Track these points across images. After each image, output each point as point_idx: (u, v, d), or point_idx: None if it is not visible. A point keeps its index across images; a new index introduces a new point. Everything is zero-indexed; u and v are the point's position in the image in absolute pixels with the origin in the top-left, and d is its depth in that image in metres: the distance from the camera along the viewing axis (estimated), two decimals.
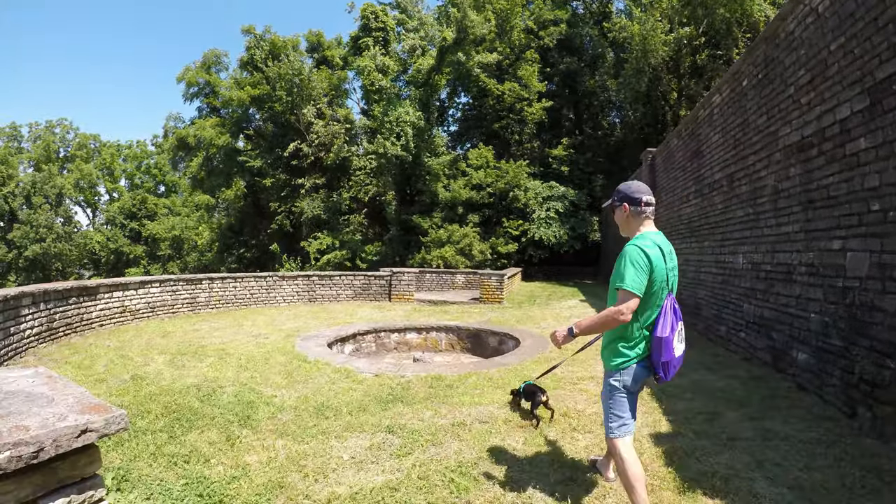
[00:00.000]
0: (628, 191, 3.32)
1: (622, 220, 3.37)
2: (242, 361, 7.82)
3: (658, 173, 15.23)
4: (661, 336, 3.06)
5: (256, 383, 6.56)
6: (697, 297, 10.80)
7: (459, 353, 11.01)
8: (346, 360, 7.76)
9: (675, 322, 3.13)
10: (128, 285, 12.25)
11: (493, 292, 16.11)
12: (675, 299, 3.20)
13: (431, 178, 28.61)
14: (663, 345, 3.06)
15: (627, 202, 3.29)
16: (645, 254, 3.05)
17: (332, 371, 7.05)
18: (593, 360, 7.41)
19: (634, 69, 27.73)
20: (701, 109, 11.09)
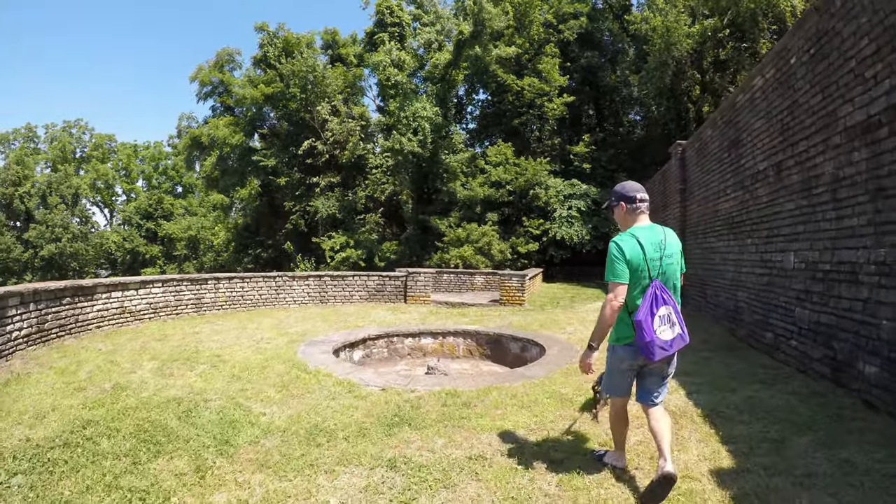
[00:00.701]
0: (623, 190, 3.68)
1: (620, 218, 3.72)
2: (236, 370, 7.08)
3: (689, 167, 14.27)
4: (637, 319, 3.40)
5: (246, 397, 5.79)
6: (737, 300, 9.86)
7: (478, 359, 10.18)
8: (352, 370, 6.96)
9: (655, 307, 3.41)
10: (127, 285, 11.68)
11: (514, 294, 15.25)
12: (661, 286, 3.47)
13: (449, 176, 27.75)
14: (642, 327, 3.37)
15: (623, 201, 3.65)
16: (618, 246, 3.47)
17: (334, 384, 6.26)
18: None
19: (658, 62, 26.69)
20: (740, 94, 10.15)
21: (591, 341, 3.60)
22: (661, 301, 3.43)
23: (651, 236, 3.52)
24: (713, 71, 29.56)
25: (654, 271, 3.46)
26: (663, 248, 3.52)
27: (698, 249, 13.01)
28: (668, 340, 3.47)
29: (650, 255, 3.46)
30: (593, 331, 3.59)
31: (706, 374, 6.74)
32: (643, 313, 3.38)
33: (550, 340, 9.03)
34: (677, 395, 5.79)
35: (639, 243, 3.46)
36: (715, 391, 5.93)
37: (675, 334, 3.53)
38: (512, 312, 13.69)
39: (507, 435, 4.56)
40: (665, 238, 3.56)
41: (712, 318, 11.27)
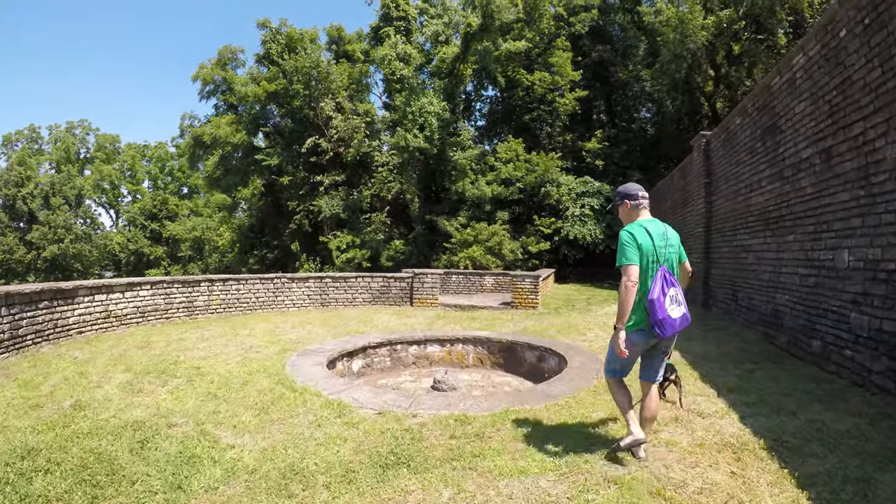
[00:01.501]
0: (626, 190, 4.14)
1: (625, 214, 4.15)
2: (214, 387, 6.23)
3: (714, 160, 13.30)
4: (652, 298, 3.76)
5: (217, 422, 4.94)
6: (776, 304, 8.90)
7: (490, 369, 9.26)
8: (345, 387, 6.06)
9: (666, 287, 3.81)
10: (112, 288, 10.91)
11: (527, 296, 14.32)
12: (667, 270, 3.87)
13: (458, 174, 26.73)
14: (655, 305, 3.75)
15: (627, 198, 4.09)
16: (630, 234, 3.86)
17: (322, 405, 5.36)
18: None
19: (672, 55, 25.66)
20: (776, 77, 9.20)
21: (617, 323, 3.87)
22: (669, 283, 3.84)
23: (655, 227, 3.95)
24: (728, 64, 28.54)
25: (661, 257, 3.86)
26: (666, 238, 3.96)
27: (726, 248, 12.05)
28: (677, 318, 3.83)
29: (657, 242, 3.87)
30: (617, 313, 3.84)
31: (754, 390, 5.82)
32: (656, 293, 3.76)
33: (570, 349, 8.10)
34: (730, 419, 4.88)
35: (647, 232, 3.88)
36: (772, 414, 5.03)
37: (681, 313, 3.88)
38: (525, 316, 12.76)
39: (532, 482, 3.60)
40: (666, 230, 4.00)
41: (745, 323, 10.30)
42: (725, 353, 7.95)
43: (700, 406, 5.25)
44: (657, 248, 3.87)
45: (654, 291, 3.78)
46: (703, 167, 13.66)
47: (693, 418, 4.90)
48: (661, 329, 3.77)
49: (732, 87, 29.19)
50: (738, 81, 28.94)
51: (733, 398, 5.50)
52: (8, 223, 50.36)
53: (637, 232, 3.86)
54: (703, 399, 5.50)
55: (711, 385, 6.06)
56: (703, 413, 5.03)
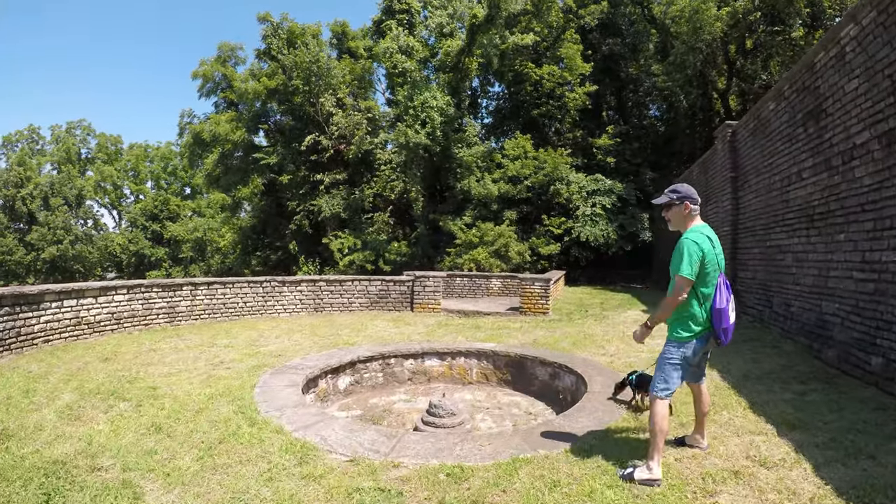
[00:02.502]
0: (688, 192, 3.94)
1: (679, 217, 3.98)
2: (163, 414, 5.25)
3: (742, 152, 12.17)
4: (720, 307, 3.75)
5: (149, 467, 3.99)
6: (822, 312, 7.77)
7: (496, 386, 8.17)
8: (316, 419, 4.99)
9: (729, 295, 3.82)
10: (84, 292, 10.01)
11: (537, 301, 13.21)
12: (724, 276, 3.88)
13: (463, 171, 25.53)
14: (722, 314, 3.75)
15: (689, 201, 3.91)
16: (698, 245, 3.73)
17: (281, 447, 4.30)
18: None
19: (687, 47, 24.46)
20: (820, 52, 8.09)
21: (650, 322, 3.99)
22: (729, 290, 3.81)
23: (712, 233, 3.87)
24: (743, 57, 27.35)
25: (720, 264, 3.82)
26: (718, 243, 3.90)
27: (757, 248, 10.92)
28: (733, 324, 3.83)
29: (717, 250, 3.83)
30: (654, 315, 3.95)
31: (819, 425, 4.75)
32: (723, 301, 3.74)
33: (589, 366, 6.99)
34: (802, 470, 3.82)
35: (709, 239, 3.80)
36: (849, 459, 3.99)
37: (734, 320, 3.86)
38: (535, 324, 11.64)
39: None
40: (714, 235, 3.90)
41: (782, 333, 9.16)
42: (767, 371, 6.85)
43: (761, 451, 4.15)
44: (717, 256, 3.82)
45: (720, 300, 3.75)
46: (729, 160, 12.53)
47: (757, 470, 3.81)
48: (725, 337, 3.79)
49: (748, 80, 28.04)
50: (753, 75, 27.78)
51: (798, 438, 4.40)
52: (7, 224, 49.83)
53: (702, 242, 3.75)
54: (763, 440, 4.40)
55: (765, 417, 4.97)
56: (768, 462, 3.94)
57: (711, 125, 31.04)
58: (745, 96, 28.20)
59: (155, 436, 4.65)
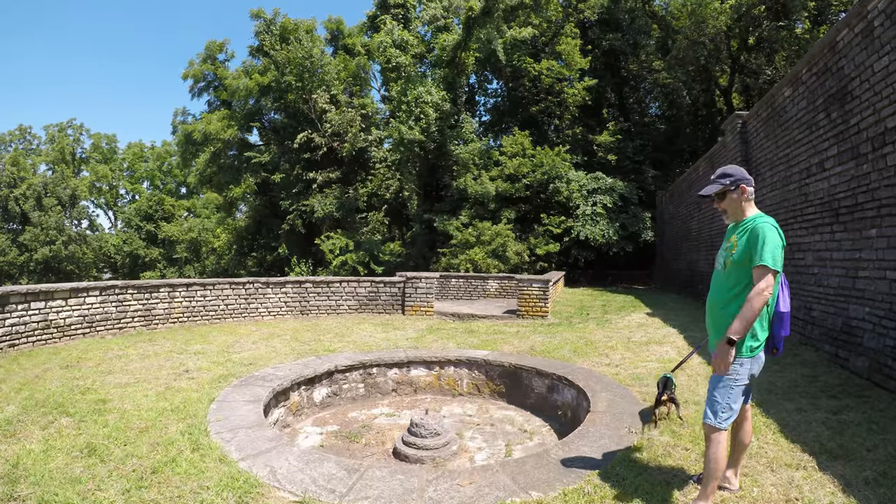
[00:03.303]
0: (742, 173, 3.29)
1: (737, 205, 3.30)
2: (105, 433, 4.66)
3: (753, 144, 11.44)
4: (785, 311, 3.18)
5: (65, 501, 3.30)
6: (849, 317, 7.05)
7: (488, 398, 7.42)
8: (269, 445, 4.27)
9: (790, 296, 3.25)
10: (53, 294, 9.38)
11: (535, 304, 12.47)
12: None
13: (459, 169, 24.77)
14: (785, 319, 3.19)
15: (745, 183, 3.27)
16: (777, 230, 3.10)
17: (220, 482, 3.60)
18: None
19: (689, 41, 23.75)
20: (844, 29, 7.39)
21: (733, 335, 3.04)
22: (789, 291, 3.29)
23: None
24: (747, 52, 26.66)
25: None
26: None
27: None
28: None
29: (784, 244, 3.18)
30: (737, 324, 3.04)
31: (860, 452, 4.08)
32: (787, 303, 3.21)
33: (592, 379, 6.25)
34: None
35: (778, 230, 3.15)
36: None
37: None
38: (533, 328, 10.89)
39: None
40: None
41: (801, 340, 8.42)
42: (792, 382, 6.13)
43: (803, 492, 3.42)
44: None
45: (785, 302, 3.21)
46: (740, 153, 11.81)
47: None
48: (781, 344, 3.27)
49: (752, 75, 27.40)
50: (758, 70, 27.12)
51: (842, 472, 3.68)
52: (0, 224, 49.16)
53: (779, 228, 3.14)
54: (803, 476, 3.66)
55: (801, 444, 4.25)
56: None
57: (714, 122, 30.43)
58: (749, 92, 27.55)
59: (87, 459, 4.04)
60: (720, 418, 3.14)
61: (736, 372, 3.14)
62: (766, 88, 25.34)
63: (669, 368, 6.74)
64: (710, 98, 29.42)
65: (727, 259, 3.27)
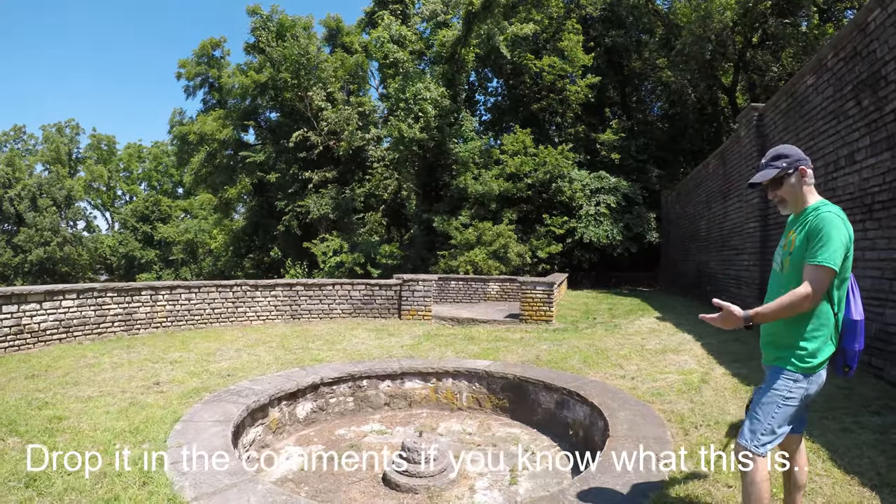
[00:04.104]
0: (799, 153, 2.72)
1: (797, 191, 2.70)
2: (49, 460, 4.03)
3: (771, 137, 10.80)
4: (858, 319, 2.60)
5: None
6: (886, 323, 6.44)
7: (490, 414, 6.76)
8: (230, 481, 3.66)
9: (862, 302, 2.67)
10: (27, 297, 8.88)
11: (539, 308, 11.82)
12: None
13: (459, 168, 24.09)
14: (858, 330, 2.59)
15: (805, 164, 2.70)
16: (844, 222, 2.54)
17: None
18: None
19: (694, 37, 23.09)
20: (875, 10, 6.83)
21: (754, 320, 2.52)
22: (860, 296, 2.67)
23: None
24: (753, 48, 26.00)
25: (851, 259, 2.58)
26: None
27: None
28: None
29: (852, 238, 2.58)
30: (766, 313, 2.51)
31: None
32: (859, 311, 2.61)
33: (607, 395, 5.58)
34: None
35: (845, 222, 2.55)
36: None
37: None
38: (537, 335, 10.22)
39: None
40: None
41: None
42: (828, 396, 5.48)
43: None
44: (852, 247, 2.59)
45: (855, 309, 2.63)
46: (756, 148, 11.17)
47: None
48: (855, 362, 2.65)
49: (758, 72, 26.74)
50: (764, 67, 26.46)
51: None
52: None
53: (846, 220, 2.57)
54: None
55: (858, 475, 3.65)
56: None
57: (719, 120, 29.78)
58: (754, 90, 26.91)
59: (23, 492, 3.52)
60: (757, 441, 2.59)
61: (787, 389, 2.58)
62: (772, 85, 24.73)
63: (692, 381, 6.09)
64: (714, 96, 28.78)
65: (785, 258, 2.74)
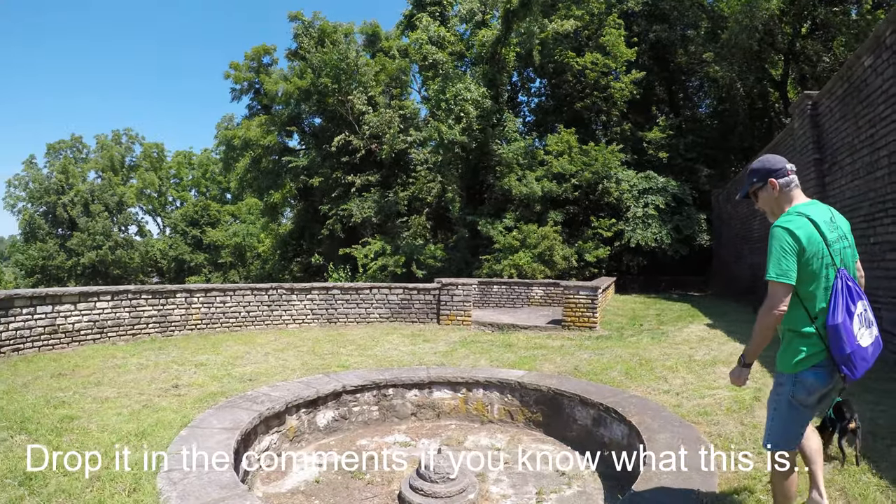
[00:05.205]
0: (766, 165, 2.90)
1: (772, 201, 2.92)
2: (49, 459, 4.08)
3: (827, 127, 10.01)
4: (835, 324, 2.57)
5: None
6: None
7: (522, 428, 6.32)
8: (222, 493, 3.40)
9: (852, 304, 2.60)
10: (61, 298, 9.04)
11: (582, 313, 11.29)
12: (849, 276, 2.67)
13: (503, 169, 23.58)
14: (841, 333, 2.56)
15: (772, 175, 2.86)
16: (789, 232, 2.66)
17: None
18: None
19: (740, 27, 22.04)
20: None
21: (746, 358, 2.89)
22: (855, 295, 2.63)
23: (820, 213, 2.73)
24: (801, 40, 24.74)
25: (836, 257, 2.65)
26: (836, 227, 2.76)
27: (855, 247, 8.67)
28: (869, 348, 2.63)
29: (829, 236, 2.66)
30: (749, 346, 2.84)
31: None
32: (839, 314, 2.56)
33: (647, 411, 5.05)
34: None
35: (812, 222, 2.66)
36: None
37: (874, 337, 2.68)
38: (579, 342, 9.68)
39: None
40: (833, 216, 2.81)
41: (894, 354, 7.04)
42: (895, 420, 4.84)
43: None
44: (829, 245, 2.64)
45: (835, 313, 2.55)
46: (811, 139, 10.39)
47: None
48: (852, 368, 2.55)
49: (809, 62, 25.52)
50: (815, 57, 25.17)
51: None
52: (49, 230, 50.74)
53: (799, 226, 2.63)
54: None
55: None
56: None
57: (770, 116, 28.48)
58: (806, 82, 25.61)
59: (16, 490, 3.58)
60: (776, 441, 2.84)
61: (775, 391, 2.87)
62: (824, 76, 23.49)
63: (743, 398, 5.50)
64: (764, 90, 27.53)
65: None
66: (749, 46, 22.46)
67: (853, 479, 3.62)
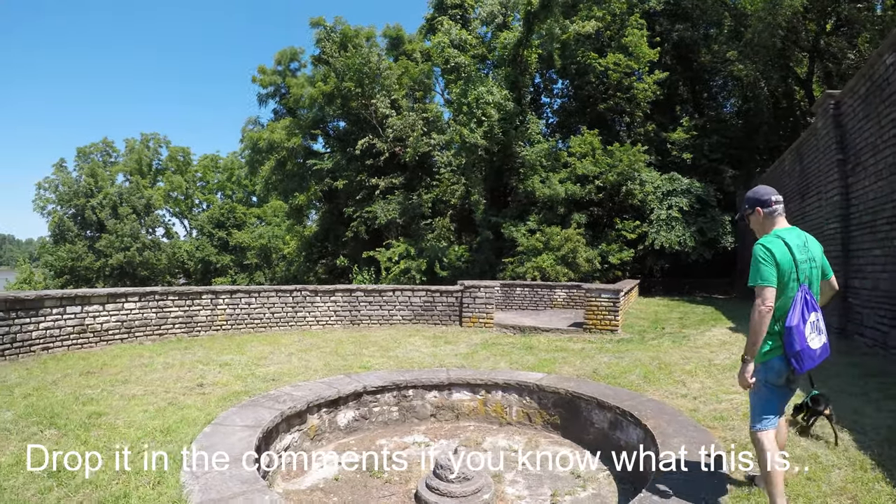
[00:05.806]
0: (756, 195, 3.52)
1: (758, 224, 3.55)
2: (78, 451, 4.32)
3: (850, 127, 9.88)
4: (790, 325, 3.20)
5: None
6: None
7: (540, 430, 6.38)
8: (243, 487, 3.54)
9: (807, 312, 3.24)
10: (90, 299, 9.33)
11: (604, 316, 11.28)
12: (808, 290, 3.29)
13: (526, 171, 23.57)
14: (794, 334, 3.19)
15: (759, 205, 3.49)
16: (765, 248, 3.28)
17: None
18: None
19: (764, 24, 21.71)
20: None
21: (745, 354, 3.35)
22: (810, 307, 3.28)
23: (794, 238, 3.37)
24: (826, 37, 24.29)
25: (801, 275, 3.29)
26: (807, 250, 3.37)
27: (879, 250, 8.58)
28: (817, 350, 3.29)
29: (798, 257, 3.29)
30: (746, 343, 3.33)
31: None
32: (796, 318, 3.22)
33: (664, 416, 5.08)
34: None
35: (786, 244, 3.30)
36: None
37: (822, 343, 3.33)
38: (599, 345, 9.69)
39: None
40: (806, 240, 3.42)
41: None
42: None
43: None
44: (798, 264, 3.27)
45: (792, 317, 3.21)
46: (834, 139, 10.27)
47: None
48: (799, 362, 3.22)
49: (833, 59, 25.07)
50: (840, 54, 24.71)
51: None
52: (78, 232, 51.68)
53: (774, 246, 3.28)
54: None
55: None
56: None
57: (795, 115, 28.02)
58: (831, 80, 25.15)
59: (45, 481, 3.76)
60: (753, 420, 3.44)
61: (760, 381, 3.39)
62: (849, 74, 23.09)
63: None
64: (789, 89, 27.10)
65: None
66: (773, 44, 22.15)
67: (865, 488, 3.63)
